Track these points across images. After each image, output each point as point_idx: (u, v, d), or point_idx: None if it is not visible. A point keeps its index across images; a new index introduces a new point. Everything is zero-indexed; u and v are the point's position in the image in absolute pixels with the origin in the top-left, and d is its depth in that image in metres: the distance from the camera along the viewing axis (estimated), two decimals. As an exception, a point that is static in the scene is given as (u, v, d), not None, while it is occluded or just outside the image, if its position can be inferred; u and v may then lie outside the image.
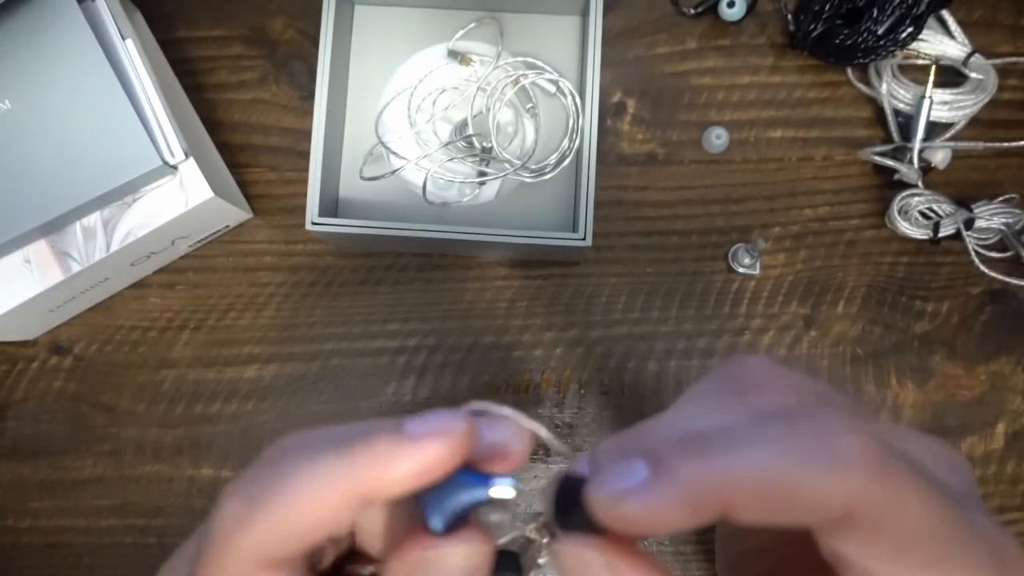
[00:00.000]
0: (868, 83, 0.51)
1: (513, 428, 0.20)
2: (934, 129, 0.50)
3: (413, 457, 0.18)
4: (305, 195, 0.46)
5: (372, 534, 0.22)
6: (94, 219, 0.44)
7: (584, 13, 0.50)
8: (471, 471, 0.19)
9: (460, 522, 0.19)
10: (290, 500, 0.18)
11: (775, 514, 0.16)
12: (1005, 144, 0.50)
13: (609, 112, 0.52)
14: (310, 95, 0.51)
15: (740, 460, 0.16)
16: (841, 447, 0.16)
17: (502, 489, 0.19)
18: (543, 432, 0.20)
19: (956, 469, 0.19)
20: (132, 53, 0.44)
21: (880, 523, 0.16)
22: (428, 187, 0.49)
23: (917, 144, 0.49)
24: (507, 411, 0.20)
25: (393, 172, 0.49)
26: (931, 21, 0.49)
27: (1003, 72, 0.51)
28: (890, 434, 0.19)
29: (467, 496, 0.19)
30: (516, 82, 0.49)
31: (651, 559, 0.19)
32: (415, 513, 0.20)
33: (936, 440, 0.20)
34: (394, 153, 0.49)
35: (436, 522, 0.19)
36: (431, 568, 0.19)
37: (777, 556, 0.23)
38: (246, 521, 0.18)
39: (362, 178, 0.50)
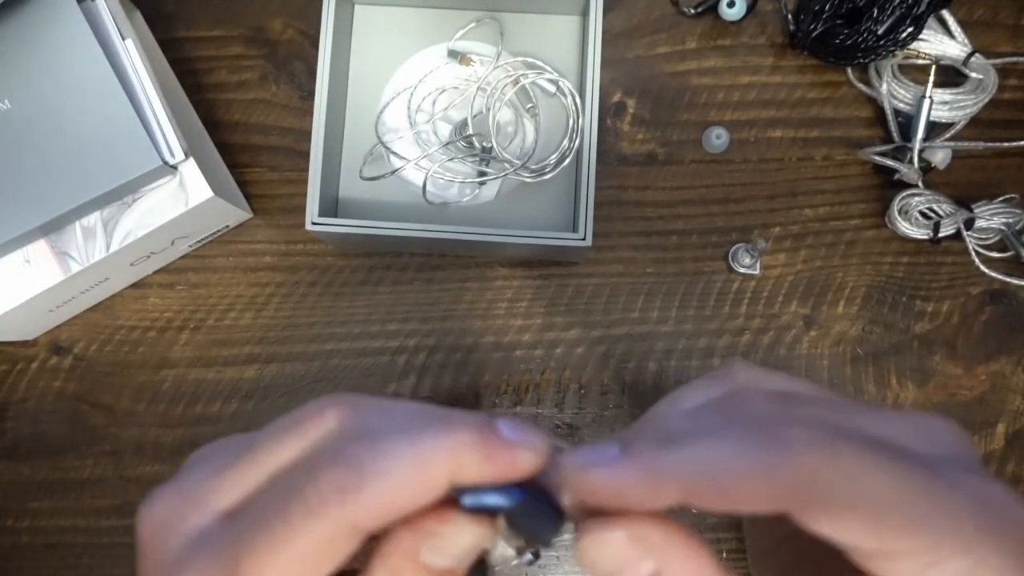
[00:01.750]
0: (868, 83, 0.51)
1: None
2: (934, 129, 0.50)
3: (503, 459, 0.19)
4: (305, 195, 0.46)
5: None
6: (94, 219, 0.44)
7: (584, 13, 0.50)
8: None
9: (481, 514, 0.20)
10: (398, 474, 0.18)
11: (733, 504, 0.18)
12: (1005, 144, 0.50)
13: (609, 112, 0.52)
14: (310, 95, 0.51)
15: (692, 452, 0.18)
16: (784, 438, 0.18)
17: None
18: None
19: (939, 439, 0.20)
20: (132, 53, 0.44)
21: (844, 501, 0.18)
22: (428, 187, 0.49)
23: (917, 144, 0.49)
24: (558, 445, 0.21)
25: (393, 172, 0.49)
26: (931, 21, 0.49)
27: (1003, 72, 0.51)
28: (851, 418, 0.20)
29: (501, 498, 0.19)
30: (516, 82, 0.49)
31: (658, 516, 0.19)
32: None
33: (919, 415, 0.21)
34: (394, 153, 0.49)
35: (469, 500, 0.19)
36: (442, 539, 0.19)
37: (805, 544, 0.23)
38: (353, 490, 0.18)
39: (362, 178, 0.50)
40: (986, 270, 0.49)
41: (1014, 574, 0.18)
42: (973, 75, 0.50)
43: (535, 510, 0.19)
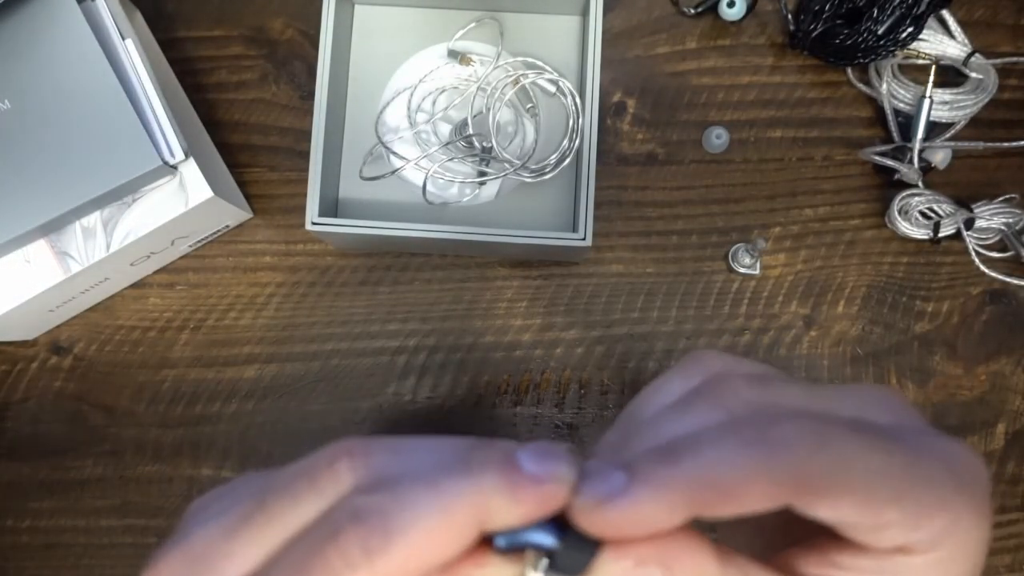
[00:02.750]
0: (868, 83, 0.51)
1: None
2: (934, 129, 0.50)
3: (532, 499, 0.18)
4: (305, 195, 0.46)
5: None
6: (94, 219, 0.44)
7: (584, 13, 0.50)
8: None
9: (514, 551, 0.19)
10: (425, 528, 0.17)
11: (741, 508, 0.18)
12: (1005, 144, 0.50)
13: (609, 112, 0.52)
14: (310, 95, 0.51)
15: (696, 465, 0.18)
16: (775, 437, 0.19)
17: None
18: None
19: (893, 408, 0.21)
20: (132, 53, 0.44)
21: (839, 485, 0.18)
22: (428, 187, 0.49)
23: (917, 144, 0.49)
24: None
25: (393, 172, 0.49)
26: (931, 21, 0.49)
27: (1003, 72, 0.51)
28: (825, 401, 0.21)
29: (542, 537, 0.18)
30: (516, 82, 0.49)
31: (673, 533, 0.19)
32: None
33: (869, 387, 0.22)
34: (394, 153, 0.49)
35: (503, 542, 0.18)
36: None
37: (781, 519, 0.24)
38: (380, 550, 0.17)
39: (362, 178, 0.50)
40: (986, 270, 0.49)
41: (983, 524, 0.20)
42: (973, 75, 0.50)
43: (571, 545, 0.18)
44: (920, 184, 0.49)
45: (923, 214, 0.50)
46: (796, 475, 0.18)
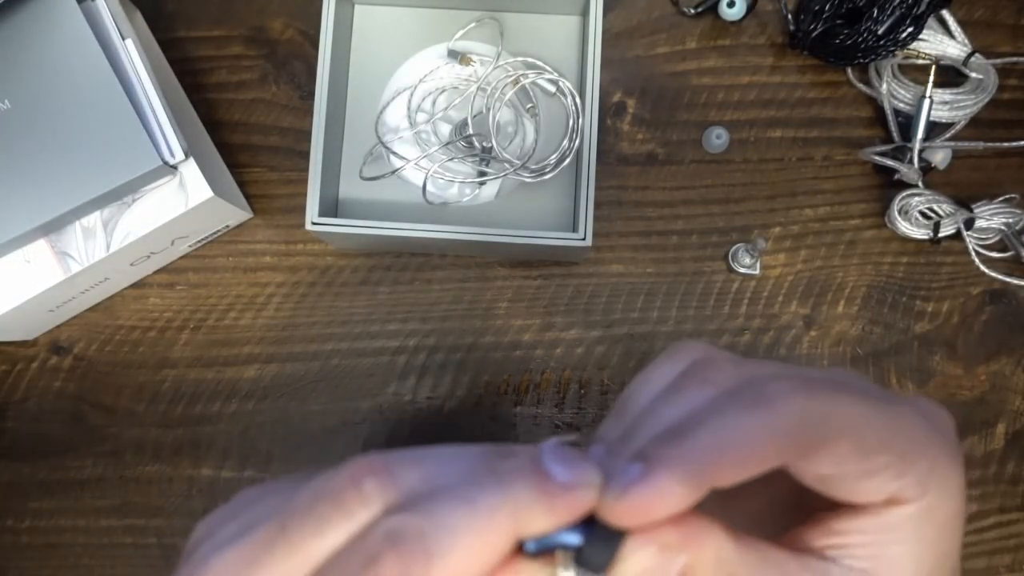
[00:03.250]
0: (868, 83, 0.51)
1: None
2: (934, 129, 0.50)
3: (566, 507, 0.18)
4: (305, 195, 0.46)
5: None
6: (94, 219, 0.44)
7: (584, 13, 0.50)
8: None
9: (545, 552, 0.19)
10: (465, 547, 0.17)
11: (753, 469, 0.19)
12: (1005, 144, 0.50)
13: (609, 112, 0.52)
14: (310, 95, 0.51)
15: (710, 439, 0.19)
16: (770, 393, 0.20)
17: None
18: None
19: (854, 377, 0.23)
20: (132, 53, 0.44)
21: (833, 431, 0.20)
22: (428, 187, 0.49)
23: (917, 144, 0.49)
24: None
25: (393, 172, 0.49)
26: (931, 21, 0.49)
27: (1003, 72, 0.51)
28: (800, 371, 0.22)
29: (569, 537, 0.19)
30: (516, 82, 0.49)
31: (687, 516, 0.19)
32: None
33: (832, 369, 0.24)
34: (394, 153, 0.49)
35: (533, 547, 0.18)
36: None
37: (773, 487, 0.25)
38: (421, 575, 0.17)
39: (362, 178, 0.50)
40: (986, 270, 0.49)
41: (958, 471, 0.21)
42: (973, 75, 0.50)
43: (596, 539, 0.19)
44: (920, 184, 0.49)
45: (923, 214, 0.50)
46: (796, 426, 0.19)
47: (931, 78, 0.49)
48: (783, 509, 0.25)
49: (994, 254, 0.49)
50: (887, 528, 0.21)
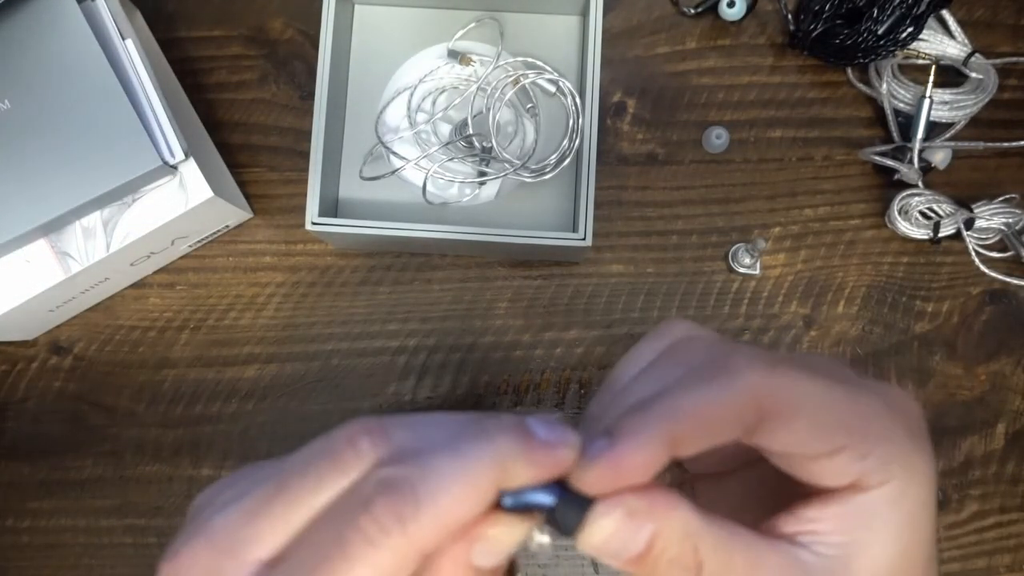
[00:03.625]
0: (868, 83, 0.51)
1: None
2: (934, 129, 0.50)
3: (546, 461, 0.20)
4: (305, 195, 0.46)
5: None
6: (94, 219, 0.44)
7: (584, 13, 0.50)
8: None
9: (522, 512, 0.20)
10: (453, 493, 0.19)
11: (711, 438, 0.21)
12: (1005, 144, 0.50)
13: (609, 112, 0.52)
14: (310, 95, 0.51)
15: (670, 409, 0.20)
16: (731, 366, 0.21)
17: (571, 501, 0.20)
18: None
19: (830, 361, 0.24)
20: (132, 53, 0.44)
21: (790, 409, 0.21)
22: (428, 187, 0.49)
23: (917, 144, 0.49)
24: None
25: (393, 172, 0.49)
26: (931, 21, 0.49)
27: (1003, 72, 0.51)
28: (774, 353, 0.23)
29: (543, 496, 0.20)
30: (516, 82, 0.49)
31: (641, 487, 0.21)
32: None
33: (808, 354, 0.25)
34: (394, 153, 0.49)
35: (510, 501, 0.20)
36: (494, 541, 0.20)
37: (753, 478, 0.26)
38: (412, 516, 0.18)
39: (362, 178, 0.50)
40: (986, 270, 0.49)
41: (926, 458, 0.22)
42: (973, 75, 0.50)
43: (569, 500, 0.20)
44: (920, 184, 0.49)
45: (923, 214, 0.50)
46: (752, 398, 0.21)
47: (931, 78, 0.49)
48: (763, 499, 0.25)
49: (994, 254, 0.49)
50: (855, 515, 0.21)
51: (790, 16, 0.51)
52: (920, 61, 0.51)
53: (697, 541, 0.20)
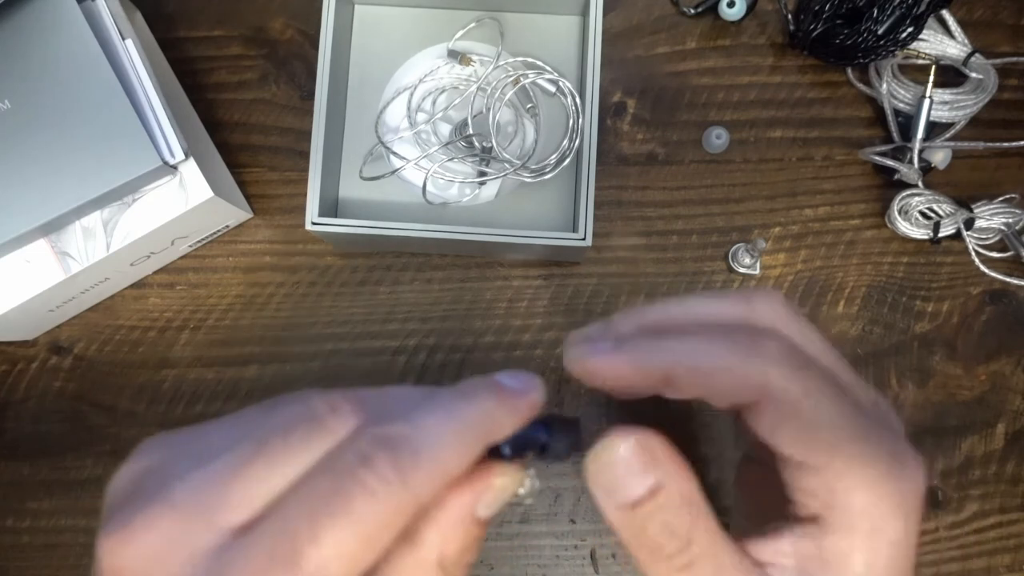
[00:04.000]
0: (868, 83, 0.51)
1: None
2: (934, 129, 0.50)
3: (522, 405, 0.21)
4: (305, 195, 0.46)
5: None
6: (94, 219, 0.44)
7: (584, 13, 0.50)
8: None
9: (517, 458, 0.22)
10: (448, 446, 0.20)
11: (703, 389, 0.22)
12: (1005, 144, 0.50)
13: (609, 112, 0.52)
14: (310, 95, 0.51)
15: (681, 346, 0.22)
16: (764, 347, 0.22)
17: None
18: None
19: (873, 400, 0.24)
20: (132, 53, 0.44)
21: (788, 408, 0.22)
22: (428, 187, 0.49)
23: (917, 144, 0.49)
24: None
25: (393, 172, 0.49)
26: (931, 21, 0.49)
27: (1003, 72, 0.51)
28: (845, 377, 0.24)
29: (537, 433, 0.22)
30: (516, 82, 0.49)
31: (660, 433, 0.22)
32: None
33: (863, 384, 0.25)
34: (394, 153, 0.49)
35: (507, 449, 0.22)
36: (499, 491, 0.21)
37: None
38: (411, 467, 0.19)
39: (362, 178, 0.50)
40: (986, 270, 0.49)
41: (913, 502, 0.22)
42: (973, 75, 0.50)
43: (557, 434, 0.22)
44: (920, 184, 0.49)
45: (923, 214, 0.50)
46: (762, 379, 0.22)
47: (931, 78, 0.49)
48: (762, 500, 0.26)
49: (994, 254, 0.49)
50: (819, 559, 0.22)
51: (790, 16, 0.51)
52: (920, 61, 0.51)
53: (697, 515, 0.21)
